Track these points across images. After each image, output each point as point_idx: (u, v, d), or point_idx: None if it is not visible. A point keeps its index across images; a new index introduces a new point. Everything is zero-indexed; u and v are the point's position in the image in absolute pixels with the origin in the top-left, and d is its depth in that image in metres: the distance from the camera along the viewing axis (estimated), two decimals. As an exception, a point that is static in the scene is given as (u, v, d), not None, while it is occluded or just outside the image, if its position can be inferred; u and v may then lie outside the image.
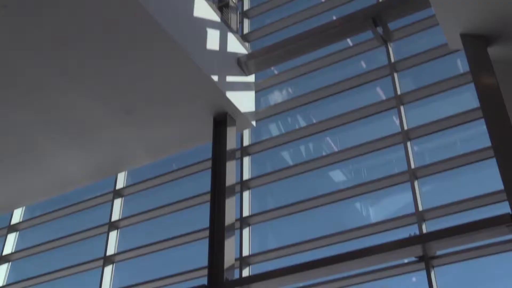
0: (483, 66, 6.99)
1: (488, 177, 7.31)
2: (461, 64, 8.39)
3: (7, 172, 10.26)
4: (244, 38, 10.29)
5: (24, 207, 11.71)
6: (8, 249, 11.26)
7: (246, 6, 11.01)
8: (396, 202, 8.39)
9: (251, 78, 9.72)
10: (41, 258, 10.97)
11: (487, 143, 6.93)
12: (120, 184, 10.53)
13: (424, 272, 6.96)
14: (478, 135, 7.79)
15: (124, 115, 9.04)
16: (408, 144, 7.94)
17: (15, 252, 11.19)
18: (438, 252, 6.95)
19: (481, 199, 7.13)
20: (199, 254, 8.42)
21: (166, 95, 8.73)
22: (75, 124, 9.25)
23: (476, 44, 7.13)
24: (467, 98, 8.06)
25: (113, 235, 10.00)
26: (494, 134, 6.63)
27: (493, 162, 6.68)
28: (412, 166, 7.72)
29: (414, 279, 7.49)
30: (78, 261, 10.12)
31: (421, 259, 6.99)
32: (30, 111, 8.93)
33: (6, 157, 9.86)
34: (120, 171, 10.53)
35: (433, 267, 6.98)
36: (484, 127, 6.90)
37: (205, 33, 8.65)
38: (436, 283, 6.88)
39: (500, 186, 6.50)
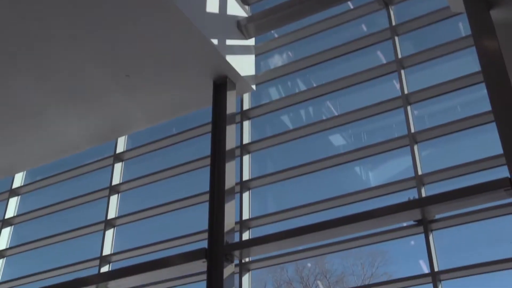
0: (485, 29, 6.92)
1: (488, 142, 7.32)
2: (462, 28, 8.31)
3: (8, 136, 10.27)
4: (244, 0, 10.17)
5: (25, 172, 11.76)
6: (10, 212, 11.35)
7: (245, -32, 10.85)
8: (395, 166, 8.41)
9: (251, 42, 9.65)
10: (43, 222, 11.06)
11: (488, 107, 6.91)
12: (120, 148, 10.55)
13: (422, 236, 7.03)
14: (478, 99, 7.77)
15: (124, 80, 9.00)
16: (408, 108, 7.93)
17: (17, 215, 11.28)
18: (437, 216, 7.00)
19: (480, 163, 7.16)
20: (200, 218, 8.49)
21: (166, 58, 8.67)
22: (75, 89, 9.22)
23: (478, 6, 7.04)
24: (468, 62, 8.02)
25: (114, 199, 10.07)
26: (495, 98, 6.61)
27: (493, 127, 6.67)
28: (412, 130, 7.72)
29: (412, 242, 7.57)
30: (80, 224, 10.21)
31: (419, 222, 7.05)
32: (30, 77, 8.90)
33: (6, 122, 9.86)
34: (120, 136, 10.53)
35: (431, 230, 7.05)
36: (485, 91, 6.88)
37: (205, -5, 8.56)
38: (434, 246, 6.95)
39: (499, 150, 6.52)
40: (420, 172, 7.39)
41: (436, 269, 6.81)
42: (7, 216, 11.26)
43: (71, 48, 8.37)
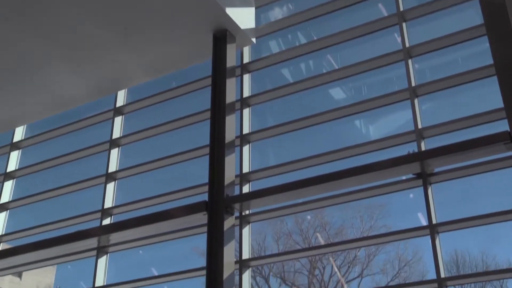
0: (489, -19, 6.82)
1: (488, 95, 7.30)
2: (465, -21, 8.17)
3: (8, 90, 10.25)
4: (243, -49, 9.99)
5: (25, 125, 11.77)
6: (11, 166, 11.41)
7: None
8: (395, 120, 8.41)
9: (251, -6, 9.52)
10: (45, 175, 11.13)
11: (489, 61, 6.88)
12: (120, 102, 10.54)
13: (421, 189, 7.09)
14: (480, 52, 7.70)
15: (123, 33, 8.93)
16: (409, 61, 7.88)
17: (19, 169, 11.34)
18: (436, 169, 7.04)
19: (480, 117, 7.15)
20: (200, 171, 8.54)
21: (165, 11, 8.57)
22: (74, 43, 9.16)
23: (482, -42, 6.92)
24: (471, 15, 7.92)
25: (114, 153, 10.11)
26: (497, 51, 6.57)
27: (494, 80, 6.65)
28: (413, 84, 7.69)
29: (411, 195, 7.63)
30: (81, 178, 10.27)
31: (419, 176, 7.09)
32: (30, 31, 8.82)
33: (6, 75, 9.82)
34: (120, 89, 10.50)
35: (430, 184, 7.10)
36: (487, 44, 6.83)
37: None
38: (433, 199, 7.02)
39: (500, 104, 6.51)
40: (420, 126, 7.40)
41: (434, 222, 6.90)
42: (9, 170, 11.32)
43: (70, 2, 8.28)
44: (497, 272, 9.07)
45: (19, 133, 11.74)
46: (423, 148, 7.28)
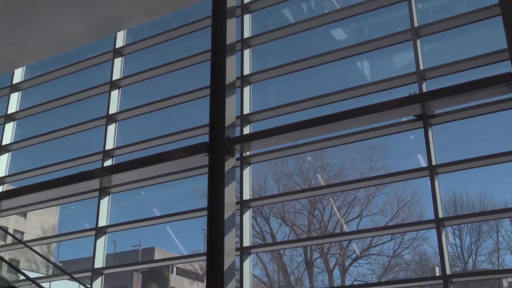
0: None
1: (492, 36, 7.22)
2: None
3: (7, 31, 10.10)
4: None
5: (24, 67, 11.69)
6: (12, 108, 11.39)
7: None
8: (397, 61, 8.35)
9: None
10: (46, 117, 11.14)
11: (494, 0, 6.76)
12: (119, 43, 10.43)
13: (421, 130, 7.10)
14: (485, -8, 7.57)
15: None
16: (412, 1, 7.74)
17: (19, 111, 11.33)
18: (437, 111, 7.03)
19: (483, 58, 7.09)
20: (201, 112, 8.53)
21: None
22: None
23: None
24: (476, -47, 7.74)
25: (115, 94, 10.08)
26: (502, -10, 6.44)
27: (498, 21, 6.56)
28: (416, 24, 7.59)
29: (411, 137, 7.66)
30: (81, 120, 10.28)
31: (419, 117, 7.09)
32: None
33: (6, 16, 9.67)
34: (119, 30, 10.36)
35: (431, 125, 7.11)
36: (492, -17, 6.70)
37: None
38: (433, 141, 7.04)
39: (503, 45, 6.44)
40: (422, 67, 7.35)
41: (433, 163, 6.93)
42: (9, 111, 11.32)
43: None
44: (493, 212, 9.21)
45: (18, 75, 11.67)
46: (424, 90, 7.25)
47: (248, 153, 8.13)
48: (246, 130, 8.32)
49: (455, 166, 7.01)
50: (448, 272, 6.72)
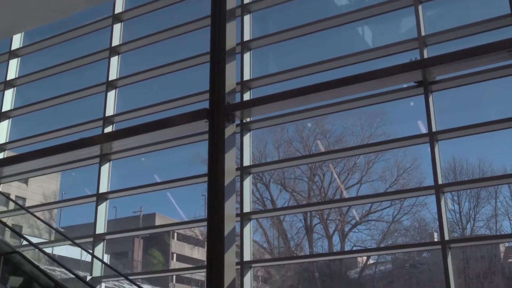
0: None
1: (494, 2, 7.15)
2: None
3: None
4: None
5: (23, 33, 11.59)
6: (11, 74, 11.34)
7: None
8: (398, 27, 8.29)
9: None
10: (45, 84, 11.10)
11: (497, -35, 6.68)
12: (118, 8, 10.33)
13: (422, 97, 7.09)
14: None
15: None
16: (415, -34, 7.65)
17: (19, 77, 11.28)
18: (438, 77, 7.01)
19: (485, 24, 7.03)
20: (201, 79, 8.50)
21: None
22: None
23: None
24: None
25: (114, 61, 10.02)
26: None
27: (501, -14, 6.49)
28: (417, -11, 7.51)
29: (412, 103, 7.65)
30: (81, 86, 10.25)
31: (420, 84, 7.07)
32: None
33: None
34: (118, -5, 10.27)
35: (431, 92, 7.09)
36: None
37: None
38: (433, 107, 7.03)
39: (506, 10, 6.39)
40: (423, 33, 7.29)
41: (434, 130, 6.94)
42: (8, 78, 11.27)
43: None
44: (492, 179, 9.24)
45: (17, 41, 11.59)
46: (425, 56, 7.22)
47: (248, 120, 8.13)
48: (246, 96, 8.31)
49: (455, 133, 7.02)
50: (446, 237, 6.78)
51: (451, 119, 7.20)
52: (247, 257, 7.73)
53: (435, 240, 19.72)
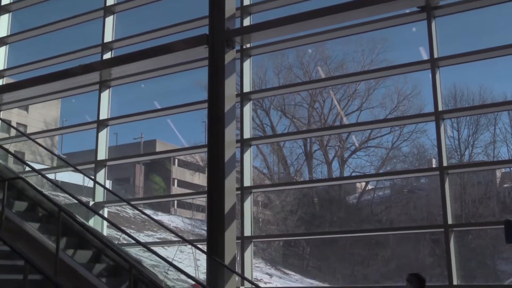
0: None
1: None
2: None
3: None
4: None
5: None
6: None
7: None
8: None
9: None
10: (43, 8, 10.88)
11: None
12: None
13: (425, 23, 6.98)
14: None
15: None
16: None
17: (14, 2, 11.03)
18: (441, 2, 6.89)
19: None
20: (200, 4, 8.34)
21: None
22: None
23: None
24: None
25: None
26: None
27: None
28: None
29: (414, 29, 7.54)
30: (79, 11, 10.06)
31: (423, 9, 6.96)
32: None
33: None
34: None
35: (434, 17, 6.98)
36: None
37: None
38: (436, 33, 6.94)
39: None
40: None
41: (435, 56, 6.88)
42: (3, 3, 11.04)
43: None
44: (492, 106, 9.25)
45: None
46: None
47: (248, 45, 8.05)
48: (246, 22, 8.18)
49: (457, 59, 6.96)
50: (444, 163, 6.86)
51: (453, 45, 7.14)
52: (247, 182, 7.84)
53: (433, 166, 19.94)
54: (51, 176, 9.84)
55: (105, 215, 8.66)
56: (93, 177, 8.75)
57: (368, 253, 25.42)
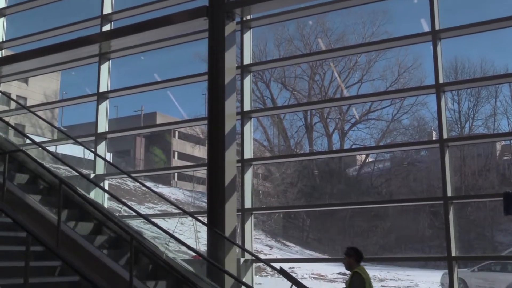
0: None
1: None
2: None
3: None
4: None
5: None
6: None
7: None
8: None
9: None
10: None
11: None
12: None
13: (427, -7, 6.93)
14: None
15: None
16: None
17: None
18: (443, -27, 6.83)
19: None
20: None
21: None
22: None
23: None
24: None
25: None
26: None
27: None
28: None
29: (415, 0, 7.49)
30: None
31: (424, -20, 6.90)
32: None
33: None
34: None
35: (436, -13, 6.92)
36: None
37: None
38: (437, 4, 6.88)
39: None
40: None
41: (437, 28, 6.84)
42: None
43: None
44: (494, 78, 9.23)
45: None
46: (431, -51, 6.98)
47: (248, 17, 7.99)
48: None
49: (458, 31, 6.92)
50: (445, 136, 6.87)
51: (455, 17, 7.09)
52: (247, 155, 7.86)
53: (434, 139, 19.97)
54: (51, 148, 9.85)
55: (106, 187, 8.69)
56: (93, 150, 8.76)
57: (367, 225, 25.63)
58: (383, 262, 21.92)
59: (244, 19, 7.96)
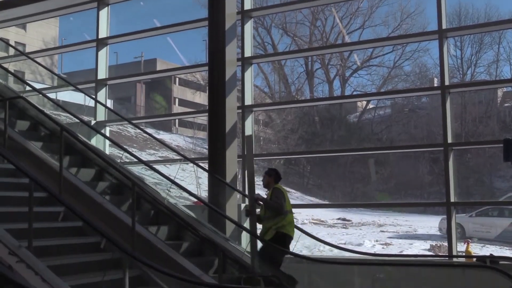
0: None
1: None
2: None
3: None
4: None
5: None
6: None
7: None
8: None
9: None
10: None
11: None
12: None
13: None
14: None
15: None
16: None
17: None
18: None
19: None
20: None
21: None
22: None
23: None
24: None
25: None
26: None
27: None
28: None
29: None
30: None
31: None
32: None
33: None
34: None
35: None
36: None
37: None
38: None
39: None
40: None
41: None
42: None
43: None
44: (498, 23, 9.10)
45: None
46: None
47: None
48: None
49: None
50: (446, 82, 6.84)
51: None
52: (248, 101, 7.85)
53: (435, 85, 19.88)
54: (52, 95, 9.83)
55: (107, 134, 8.71)
56: (94, 96, 8.74)
57: (368, 171, 25.79)
58: (383, 207, 22.19)
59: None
